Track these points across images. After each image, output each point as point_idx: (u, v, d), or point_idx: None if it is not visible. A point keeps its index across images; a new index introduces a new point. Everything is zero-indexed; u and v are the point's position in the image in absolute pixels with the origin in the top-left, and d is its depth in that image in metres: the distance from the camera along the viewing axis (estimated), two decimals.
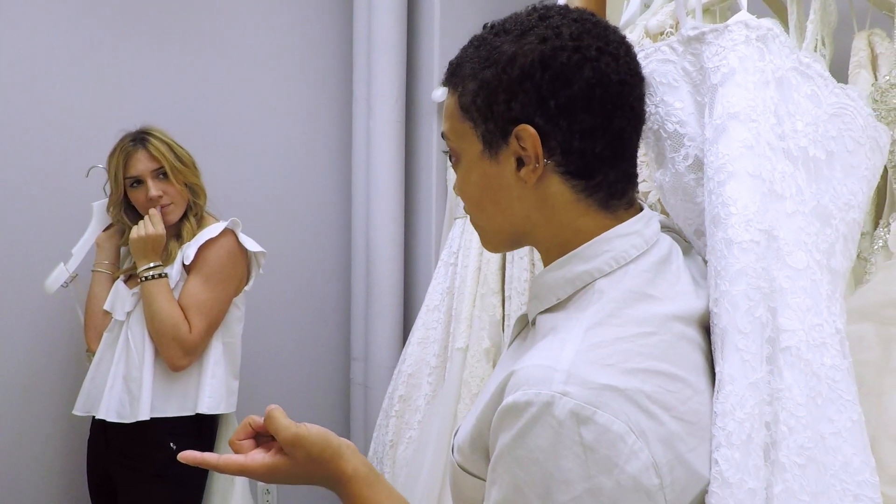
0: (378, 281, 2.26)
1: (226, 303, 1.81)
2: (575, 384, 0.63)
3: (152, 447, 1.75)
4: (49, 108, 2.02)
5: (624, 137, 0.76)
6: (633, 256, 0.74)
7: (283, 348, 2.37)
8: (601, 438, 0.62)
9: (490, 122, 0.75)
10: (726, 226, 0.76)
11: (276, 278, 2.33)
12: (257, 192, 2.30)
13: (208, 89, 2.22)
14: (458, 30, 2.22)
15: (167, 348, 1.72)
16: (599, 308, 0.70)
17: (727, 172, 0.77)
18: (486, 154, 0.76)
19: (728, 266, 0.74)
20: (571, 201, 0.75)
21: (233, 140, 2.26)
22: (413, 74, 2.30)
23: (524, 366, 0.67)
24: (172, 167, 1.79)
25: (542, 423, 0.63)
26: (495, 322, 1.91)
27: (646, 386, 0.65)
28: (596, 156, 0.74)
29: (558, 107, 0.72)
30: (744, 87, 0.80)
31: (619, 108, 0.74)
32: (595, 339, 0.67)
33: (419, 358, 2.05)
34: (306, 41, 2.36)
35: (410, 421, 2.03)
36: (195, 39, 2.20)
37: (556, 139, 0.73)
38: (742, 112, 0.79)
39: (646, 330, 0.68)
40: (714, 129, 0.80)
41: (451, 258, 2.06)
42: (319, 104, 2.39)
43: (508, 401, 0.66)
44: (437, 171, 2.24)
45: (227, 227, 1.82)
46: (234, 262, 1.82)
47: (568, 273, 0.75)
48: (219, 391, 1.79)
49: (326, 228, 2.43)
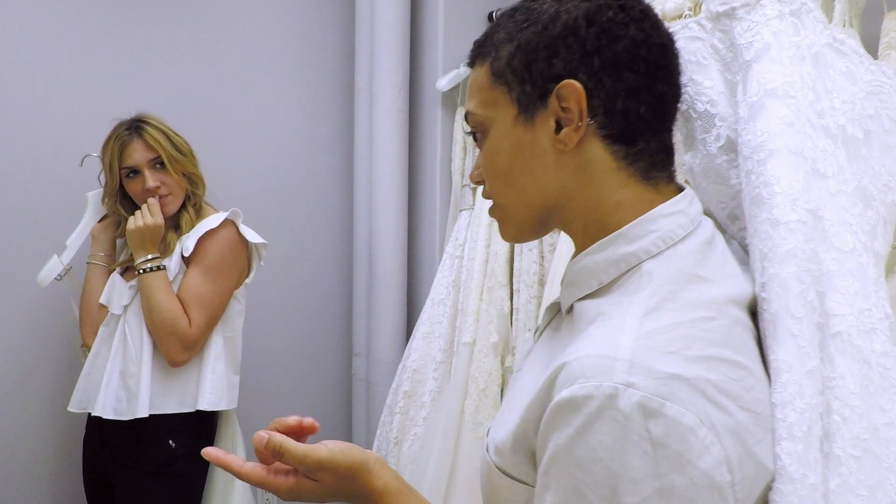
0: (381, 274, 2.22)
1: (226, 296, 1.76)
2: (639, 374, 0.59)
3: (150, 445, 1.70)
4: (42, 96, 1.96)
5: (665, 103, 0.72)
6: (679, 237, 0.69)
7: (283, 343, 2.33)
8: (671, 432, 0.58)
9: (527, 84, 0.71)
10: (770, 206, 0.72)
11: (275, 271, 2.28)
12: (257, 183, 2.26)
13: (207, 78, 2.17)
14: (463, 16, 2.18)
15: (166, 343, 1.67)
16: (652, 291, 0.65)
17: (767, 150, 0.74)
18: (522, 118, 0.72)
19: (776, 248, 0.71)
20: (612, 169, 0.71)
21: (232, 130, 2.22)
22: (417, 62, 2.25)
23: (577, 356, 0.62)
24: (170, 156, 1.74)
25: (605, 417, 0.58)
26: (503, 315, 1.87)
27: (711, 374, 0.60)
28: (639, 118, 0.70)
29: (603, 63, 0.69)
30: (779, 62, 0.77)
31: (661, 70, 0.71)
32: (653, 324, 0.62)
33: (424, 353, 2.02)
34: (307, 29, 2.31)
35: (415, 417, 1.99)
36: (194, 27, 2.15)
37: (599, 97, 0.69)
38: (780, 88, 0.76)
39: (705, 314, 0.64)
40: (750, 107, 0.77)
41: (457, 250, 2.03)
42: (320, 93, 2.35)
43: (563, 395, 0.61)
44: (442, 161, 2.20)
45: (227, 217, 1.77)
46: (234, 253, 1.77)
47: (611, 255, 0.70)
48: (220, 387, 1.73)
49: (328, 220, 2.39)
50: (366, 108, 2.27)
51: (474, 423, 1.83)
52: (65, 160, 1.94)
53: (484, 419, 1.83)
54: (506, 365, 1.85)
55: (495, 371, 1.84)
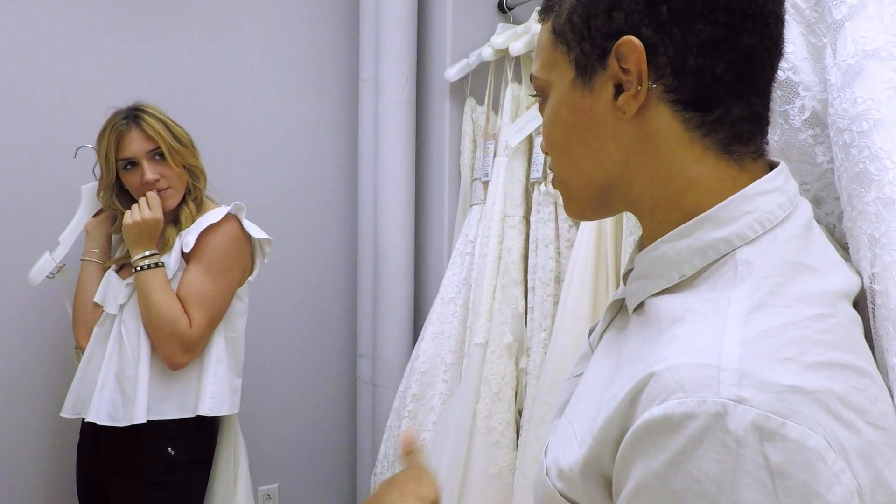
0: (387, 272, 2.15)
1: (229, 294, 1.67)
2: (752, 387, 0.49)
3: (148, 452, 1.62)
4: (35, 87, 1.88)
5: (754, 59, 0.61)
6: (779, 218, 0.59)
7: (284, 344, 2.26)
8: (795, 459, 0.48)
9: (586, 42, 0.63)
10: (881, 183, 0.63)
11: (277, 268, 2.22)
12: (259, 178, 2.19)
13: (210, 71, 2.10)
14: (472, 4, 2.11)
15: (165, 345, 1.58)
16: (755, 284, 0.55)
17: (872, 120, 0.64)
18: (580, 82, 0.64)
19: (891, 231, 0.62)
20: (684, 141, 0.61)
21: (235, 123, 2.15)
22: (424, 53, 2.18)
23: (670, 365, 0.52)
24: (170, 148, 1.65)
25: (712, 441, 0.48)
26: (518, 315, 1.80)
27: (835, 385, 0.51)
28: (716, 79, 0.60)
29: (671, 13, 0.59)
30: (879, 20, 0.67)
31: (749, 18, 0.60)
32: (761, 325, 0.53)
33: (434, 354, 1.96)
34: (310, 19, 2.24)
35: (425, 422, 1.93)
36: (196, 18, 2.08)
37: (666, 55, 0.59)
38: (882, 48, 0.66)
39: (819, 311, 0.54)
40: (844, 72, 0.67)
41: (468, 247, 1.96)
42: (324, 85, 2.27)
43: (655, 413, 0.51)
44: (451, 155, 2.13)
45: (229, 211, 1.68)
46: (237, 250, 1.68)
47: (697, 241, 0.60)
48: (221, 391, 1.65)
49: (332, 216, 2.32)
50: (371, 100, 2.20)
51: (487, 427, 1.76)
52: (58, 152, 1.85)
53: (497, 424, 1.76)
54: (520, 367, 1.79)
55: (509, 373, 1.78)
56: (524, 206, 1.84)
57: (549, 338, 1.69)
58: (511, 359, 1.78)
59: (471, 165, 2.07)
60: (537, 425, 1.65)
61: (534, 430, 1.66)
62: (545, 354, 1.68)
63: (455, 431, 1.78)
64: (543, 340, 1.71)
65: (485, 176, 1.95)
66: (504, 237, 1.83)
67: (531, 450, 1.65)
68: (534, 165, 1.82)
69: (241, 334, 1.74)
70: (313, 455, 2.30)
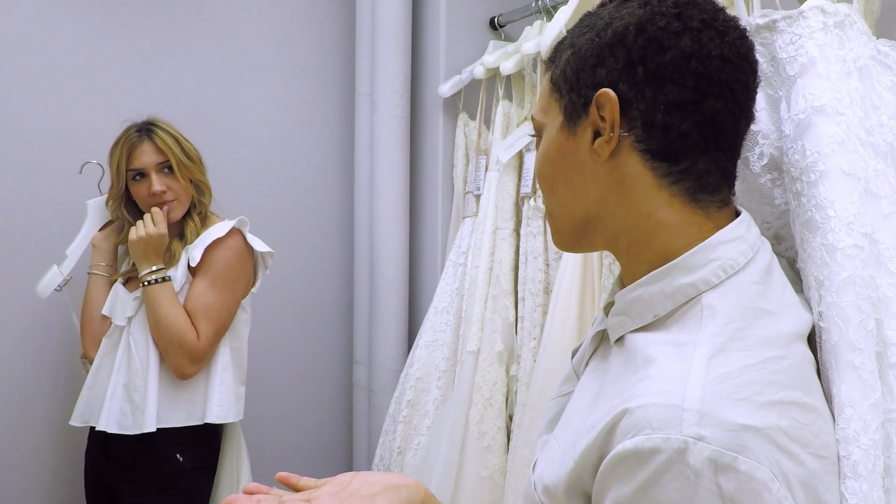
0: (382, 282, 2.20)
1: (234, 306, 1.73)
2: (710, 426, 0.56)
3: (158, 459, 1.67)
4: (40, 102, 1.92)
5: (718, 122, 0.67)
6: (740, 265, 0.66)
7: (283, 351, 2.30)
8: (743, 489, 0.55)
9: (574, 92, 0.70)
10: (825, 230, 0.70)
11: (275, 278, 2.25)
12: (257, 190, 2.23)
13: (208, 83, 2.14)
14: (464, 22, 2.17)
15: (174, 356, 1.64)
16: (717, 330, 0.62)
17: (818, 171, 0.71)
18: (566, 126, 0.71)
19: (833, 275, 0.69)
20: (653, 186, 0.68)
21: (233, 137, 2.19)
22: (418, 69, 2.24)
23: (641, 404, 0.59)
24: (179, 162, 1.71)
25: (674, 473, 0.56)
26: (508, 324, 1.86)
27: (783, 421, 0.58)
28: (682, 135, 0.66)
29: (646, 74, 0.66)
30: (826, 77, 0.74)
31: (715, 85, 0.66)
32: (721, 368, 0.59)
33: (428, 361, 2.00)
34: (308, 35, 2.29)
35: (419, 426, 1.98)
36: (194, 32, 2.12)
37: (638, 108, 0.66)
38: (828, 105, 0.73)
39: (775, 354, 0.61)
40: (796, 125, 0.74)
41: (461, 258, 2.01)
42: (322, 100, 2.32)
43: (627, 446, 0.58)
44: (444, 168, 2.18)
45: (234, 226, 1.74)
46: (242, 263, 1.74)
47: (668, 286, 0.67)
48: (228, 399, 1.71)
49: (329, 227, 2.36)
50: (367, 114, 2.25)
51: (479, 432, 1.81)
52: (64, 167, 1.90)
53: (489, 428, 1.81)
54: (511, 374, 1.84)
55: (500, 380, 1.83)
56: (514, 219, 1.89)
57: (538, 346, 1.74)
58: (502, 366, 1.83)
59: (463, 178, 2.12)
60: (527, 430, 1.70)
61: (524, 435, 1.70)
62: (534, 362, 1.73)
63: (448, 436, 1.83)
64: (533, 348, 1.76)
65: (477, 189, 2.00)
66: (495, 249, 1.89)
67: (521, 453, 1.70)
68: (524, 181, 1.88)
69: (245, 344, 1.80)
70: (311, 459, 2.34)
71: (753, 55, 0.70)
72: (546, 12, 1.90)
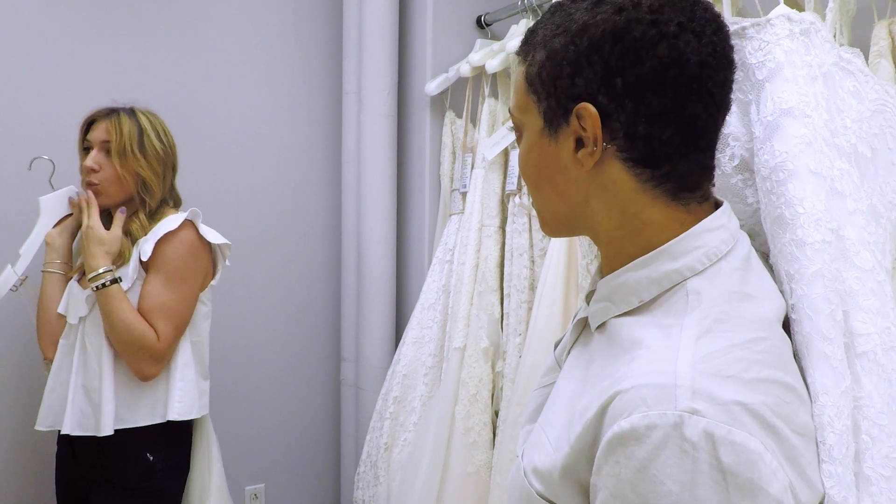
0: (369, 279, 2.21)
1: (192, 301, 1.66)
2: (703, 401, 0.57)
3: (126, 460, 1.62)
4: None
5: (697, 126, 0.68)
6: (723, 252, 0.68)
7: (271, 348, 2.31)
8: (741, 460, 0.56)
9: (552, 99, 0.70)
10: (794, 226, 0.73)
11: (263, 275, 2.27)
12: (245, 187, 2.24)
13: (194, 82, 2.15)
14: (451, 20, 2.18)
15: (135, 359, 1.58)
16: (703, 313, 0.64)
17: (787, 171, 0.74)
18: (547, 132, 0.72)
19: (802, 269, 0.71)
20: (636, 190, 0.69)
21: (220, 135, 2.19)
22: (405, 67, 2.25)
23: (633, 384, 0.60)
24: (120, 149, 1.62)
25: (672, 447, 0.56)
26: (494, 320, 1.87)
27: (768, 398, 0.59)
28: (663, 143, 0.67)
29: (625, 86, 0.66)
30: (793, 81, 0.77)
31: (694, 92, 0.67)
32: (709, 347, 0.61)
33: (414, 358, 2.02)
34: (295, 34, 2.30)
35: (406, 423, 1.99)
36: (182, 32, 2.12)
37: (619, 121, 0.67)
38: (796, 108, 0.76)
39: (758, 335, 0.63)
40: (765, 127, 0.77)
41: (447, 255, 2.03)
42: (308, 98, 2.33)
43: (623, 427, 0.58)
44: (431, 166, 2.20)
45: (186, 218, 1.65)
46: (196, 256, 1.66)
47: (654, 272, 0.68)
48: (189, 395, 1.65)
49: (316, 225, 2.37)
50: (354, 113, 2.26)
51: (465, 428, 1.83)
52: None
53: (475, 424, 1.83)
54: (496, 370, 1.86)
55: (486, 376, 1.85)
56: (500, 216, 1.92)
57: (523, 342, 1.76)
58: (487, 362, 1.85)
59: (450, 176, 2.14)
60: (512, 426, 1.71)
61: (509, 431, 1.72)
62: (520, 358, 1.75)
63: (435, 432, 1.84)
64: (518, 345, 1.78)
65: (463, 187, 2.01)
66: (481, 246, 1.90)
67: (507, 449, 1.72)
68: (509, 178, 1.89)
69: (206, 338, 1.74)
70: (299, 455, 2.35)
71: (731, 48, 0.71)
72: (532, 11, 1.92)
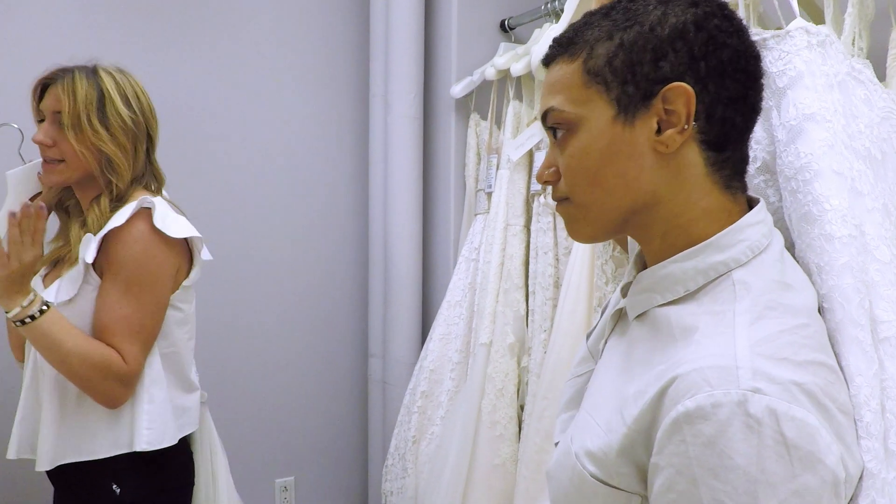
0: (396, 278, 2.26)
1: (158, 310, 1.35)
2: (763, 380, 0.61)
3: (94, 489, 1.35)
4: None
5: (755, 112, 0.74)
6: (763, 246, 0.73)
7: (300, 345, 2.36)
8: (802, 434, 0.60)
9: (630, 84, 0.72)
10: (822, 222, 0.78)
11: (293, 275, 2.33)
12: (275, 188, 2.29)
13: (223, 86, 2.20)
14: (476, 24, 2.22)
15: (101, 391, 1.29)
16: (753, 301, 0.68)
17: (812, 171, 0.80)
18: (621, 119, 0.72)
19: (832, 261, 0.77)
20: (703, 175, 0.73)
21: (248, 136, 2.25)
22: (431, 71, 2.29)
23: (694, 367, 0.63)
24: (73, 121, 1.31)
25: (738, 424, 0.60)
26: (519, 317, 1.91)
27: (817, 378, 0.63)
28: (734, 126, 0.72)
29: (709, 69, 0.70)
30: (813, 89, 0.83)
31: (755, 81, 0.74)
32: (762, 332, 0.65)
33: (441, 354, 2.06)
34: (323, 38, 2.35)
35: (433, 417, 2.03)
36: (209, 35, 2.17)
37: (703, 102, 0.71)
38: (817, 113, 0.82)
39: (802, 321, 0.68)
40: (788, 131, 0.83)
41: (473, 254, 2.07)
42: (336, 101, 2.38)
43: (687, 406, 0.62)
44: (456, 167, 2.24)
45: (133, 211, 1.31)
46: (155, 255, 1.33)
47: (701, 263, 0.72)
48: (160, 419, 1.34)
49: (344, 225, 2.42)
50: (381, 115, 2.31)
51: (491, 421, 1.87)
52: None
53: (500, 418, 1.87)
54: (522, 365, 1.90)
55: (512, 371, 1.89)
56: (525, 215, 1.95)
57: (548, 338, 1.80)
58: (513, 358, 1.89)
59: (475, 177, 2.17)
60: (538, 419, 1.75)
61: (534, 424, 1.75)
62: (545, 353, 1.78)
63: (461, 426, 1.88)
64: (543, 340, 1.82)
65: (488, 187, 2.05)
66: (506, 245, 1.94)
67: (532, 442, 1.75)
68: (534, 178, 1.93)
69: (183, 345, 1.43)
70: (328, 449, 2.40)
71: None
72: (555, 15, 1.96)
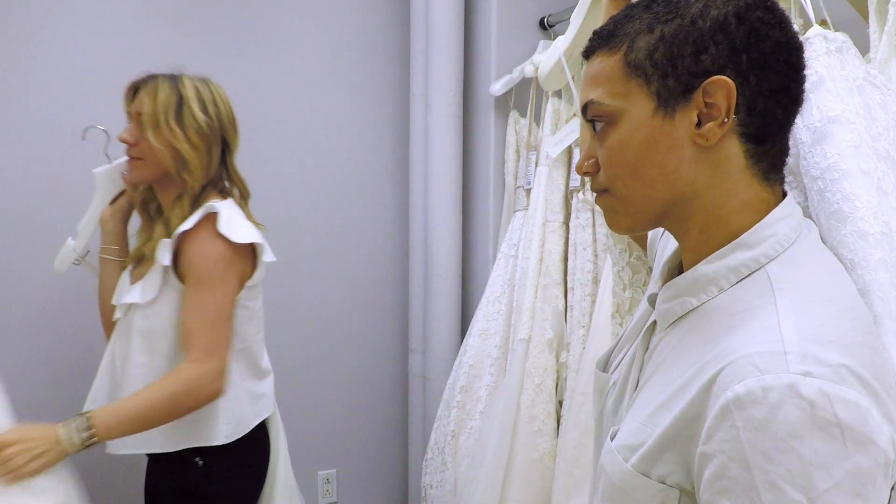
0: (436, 274, 2.28)
1: (227, 307, 1.46)
2: (813, 364, 0.61)
3: (181, 461, 1.49)
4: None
5: (797, 105, 0.74)
6: (792, 240, 0.73)
7: (341, 340, 2.40)
8: (854, 415, 0.60)
9: (670, 78, 0.72)
10: (854, 219, 0.79)
11: (335, 271, 2.37)
12: (316, 186, 2.33)
13: (267, 86, 2.24)
14: (515, 22, 2.23)
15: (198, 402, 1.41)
16: (793, 290, 0.68)
17: (840, 171, 0.81)
18: (661, 112, 0.73)
19: (868, 256, 0.78)
20: (743, 168, 0.73)
21: (291, 136, 2.29)
22: (470, 68, 2.31)
23: (741, 354, 0.64)
24: (153, 121, 1.44)
25: (789, 406, 0.59)
26: (558, 313, 1.92)
27: (865, 360, 0.63)
28: (775, 118, 0.72)
29: (750, 62, 0.70)
30: (835, 93, 0.85)
31: (798, 73, 0.73)
32: (807, 317, 0.65)
33: (480, 349, 2.07)
34: (363, 37, 2.38)
35: (472, 411, 2.05)
36: (253, 36, 2.22)
37: (743, 95, 0.71)
38: (841, 115, 0.84)
39: (847, 305, 0.68)
40: (813, 133, 0.85)
41: (512, 250, 2.08)
42: (377, 100, 2.41)
43: (737, 391, 0.61)
44: (495, 164, 2.25)
45: (204, 214, 1.43)
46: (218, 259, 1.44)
47: (731, 261, 0.72)
48: (238, 412, 1.49)
49: (385, 222, 2.45)
50: (421, 113, 2.33)
51: (530, 416, 1.88)
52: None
53: (539, 413, 1.88)
54: (560, 361, 1.90)
55: (550, 367, 1.90)
56: (564, 212, 1.96)
57: (587, 334, 1.81)
58: (552, 353, 1.90)
59: (514, 174, 2.19)
60: (576, 414, 1.75)
61: (573, 419, 1.76)
62: (583, 349, 1.79)
63: (500, 420, 1.90)
64: (582, 336, 1.82)
65: (527, 184, 2.06)
66: (545, 241, 1.95)
67: (571, 437, 1.76)
68: (573, 175, 1.94)
69: (253, 339, 1.55)
70: (369, 442, 2.44)
71: None
72: None
